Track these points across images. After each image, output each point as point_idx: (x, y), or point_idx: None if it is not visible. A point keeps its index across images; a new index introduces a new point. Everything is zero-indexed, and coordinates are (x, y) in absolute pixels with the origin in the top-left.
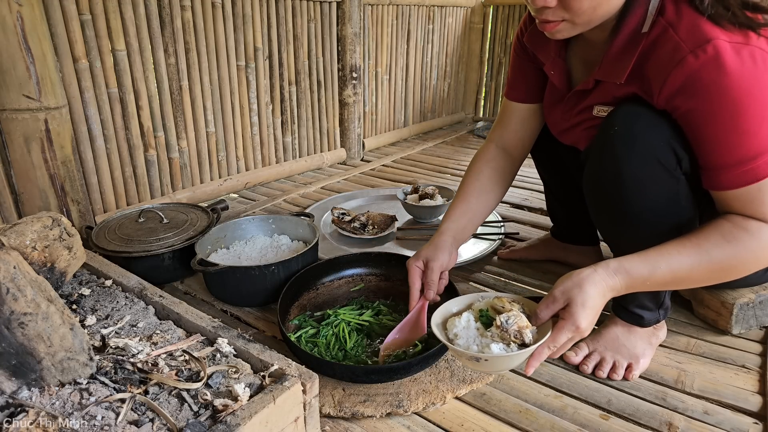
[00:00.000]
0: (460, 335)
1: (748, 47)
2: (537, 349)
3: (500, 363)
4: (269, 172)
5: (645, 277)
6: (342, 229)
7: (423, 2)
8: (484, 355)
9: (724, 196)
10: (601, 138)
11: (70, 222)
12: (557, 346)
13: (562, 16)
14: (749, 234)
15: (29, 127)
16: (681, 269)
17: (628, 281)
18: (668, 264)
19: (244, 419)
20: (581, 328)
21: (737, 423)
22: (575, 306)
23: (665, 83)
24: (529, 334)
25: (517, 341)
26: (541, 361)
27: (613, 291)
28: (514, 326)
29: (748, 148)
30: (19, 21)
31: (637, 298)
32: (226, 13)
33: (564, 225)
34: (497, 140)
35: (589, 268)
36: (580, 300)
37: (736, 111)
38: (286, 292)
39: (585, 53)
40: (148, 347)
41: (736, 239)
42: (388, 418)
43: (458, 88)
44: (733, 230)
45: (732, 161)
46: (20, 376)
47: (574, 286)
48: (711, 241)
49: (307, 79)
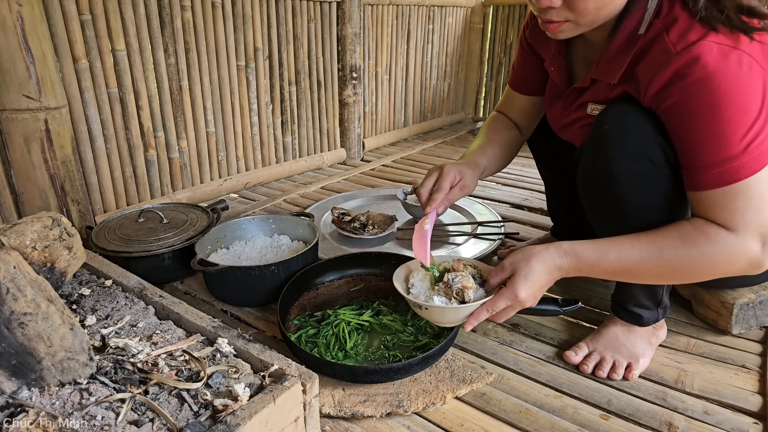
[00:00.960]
0: (415, 286)
1: (736, 51)
2: (477, 310)
3: (439, 313)
4: (269, 172)
5: (593, 262)
6: (342, 229)
7: (423, 2)
8: (426, 304)
9: (693, 197)
10: (592, 136)
11: (70, 222)
12: (495, 310)
13: (567, 17)
14: (706, 238)
15: (29, 127)
16: (630, 261)
17: (576, 263)
18: (618, 254)
19: (244, 419)
20: (519, 297)
21: (737, 423)
22: (518, 276)
23: (651, 81)
24: (471, 294)
25: (458, 298)
26: (479, 321)
27: (560, 271)
28: (458, 284)
29: (719, 151)
30: (19, 21)
31: (635, 297)
32: (226, 13)
33: (564, 225)
34: (505, 113)
35: (541, 246)
36: (524, 272)
37: (713, 112)
38: (286, 292)
39: (585, 52)
40: (148, 347)
41: (692, 241)
42: (388, 418)
43: (458, 88)
44: (691, 232)
45: (703, 163)
46: (20, 376)
47: (522, 259)
48: (666, 239)
49: (307, 79)
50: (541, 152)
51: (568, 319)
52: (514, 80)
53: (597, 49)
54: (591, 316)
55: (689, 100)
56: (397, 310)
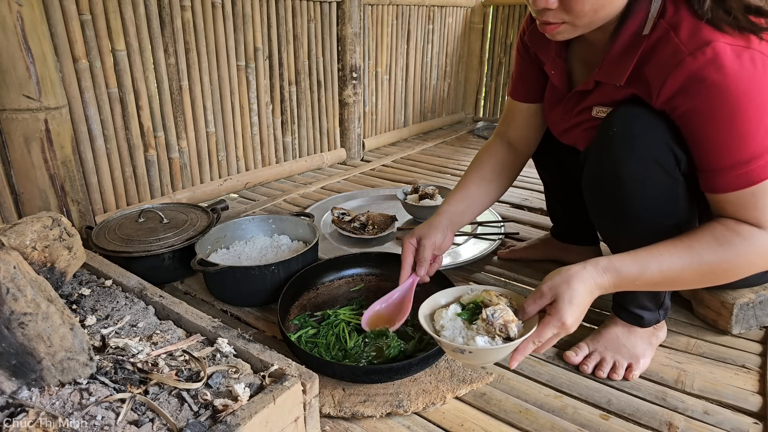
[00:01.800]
0: (447, 327)
1: (748, 50)
2: (522, 344)
3: (484, 356)
4: (269, 172)
5: (635, 276)
6: (342, 229)
7: (423, 2)
8: (469, 347)
9: (718, 199)
10: (599, 139)
11: (70, 222)
12: (542, 341)
13: (563, 18)
14: (741, 238)
15: (29, 127)
16: (671, 270)
17: (617, 280)
18: (659, 264)
19: (244, 419)
20: (567, 324)
21: (737, 423)
22: (562, 302)
23: (664, 84)
24: (515, 328)
25: (502, 335)
26: (525, 356)
27: (601, 289)
28: (499, 320)
29: (743, 152)
30: (19, 21)
31: (637, 299)
32: (226, 13)
33: (564, 225)
34: (503, 135)
35: (578, 265)
36: (567, 296)
37: (733, 113)
38: (286, 292)
39: (586, 54)
40: (148, 347)
41: (728, 243)
42: (388, 418)
43: (458, 88)
44: (725, 234)
45: (726, 164)
46: (20, 376)
47: (562, 282)
48: (703, 243)
49: (307, 79)
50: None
51: None
52: (514, 89)
53: (598, 51)
54: (591, 316)
55: (707, 103)
56: None
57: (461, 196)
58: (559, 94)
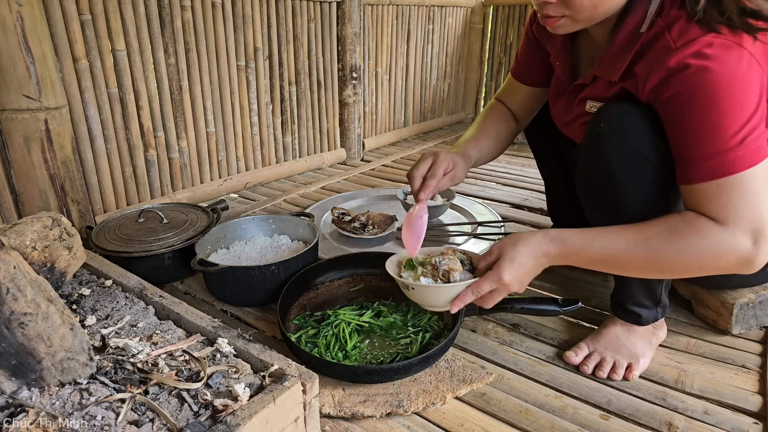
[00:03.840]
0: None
1: (736, 47)
2: (462, 292)
3: (425, 293)
4: (269, 172)
5: (578, 249)
6: (342, 229)
7: (423, 2)
8: (413, 283)
9: (685, 191)
10: (589, 135)
11: (70, 222)
12: (480, 293)
13: (563, 12)
14: (694, 230)
15: (29, 127)
16: (614, 250)
17: (562, 250)
18: (604, 242)
19: (244, 419)
20: (503, 279)
21: (737, 423)
22: (503, 260)
23: (650, 75)
24: (457, 276)
25: (444, 279)
26: (464, 303)
27: (546, 257)
28: (445, 266)
29: (714, 144)
30: (19, 21)
31: (634, 296)
32: (226, 13)
33: (564, 225)
34: (505, 102)
35: (530, 232)
36: (510, 255)
37: (710, 104)
38: (286, 292)
39: (589, 49)
40: (148, 347)
41: (679, 233)
42: (388, 418)
43: (458, 88)
44: (679, 224)
45: (697, 154)
46: (20, 376)
47: (509, 243)
48: (654, 230)
49: (307, 79)
50: (542, 151)
51: (568, 319)
52: (516, 70)
53: (600, 47)
54: (591, 316)
55: (687, 91)
56: (397, 311)
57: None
58: (562, 86)
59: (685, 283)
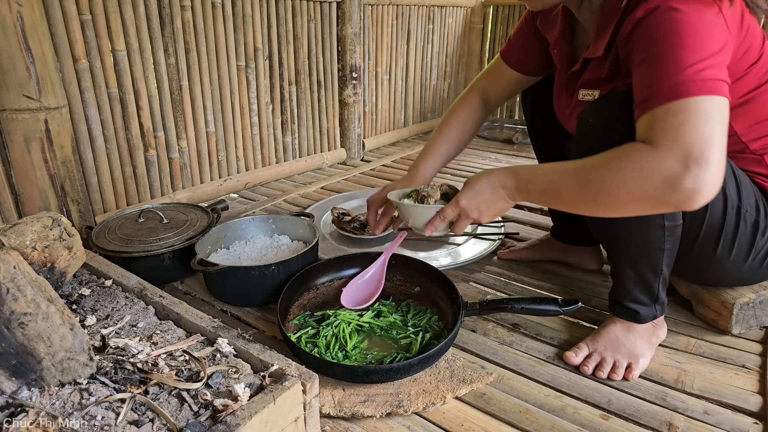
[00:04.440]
0: None
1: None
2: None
3: (402, 210)
4: (269, 172)
5: (527, 179)
6: (342, 229)
7: (423, 2)
8: (397, 202)
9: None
10: (579, 131)
11: (70, 222)
12: (446, 218)
13: None
14: (626, 155)
15: (29, 127)
16: (553, 176)
17: (515, 182)
18: (545, 171)
19: (244, 419)
20: (460, 204)
21: (737, 423)
22: (463, 188)
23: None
24: (431, 201)
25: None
26: (436, 228)
27: (504, 188)
28: (424, 193)
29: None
30: (19, 21)
31: (630, 292)
32: (226, 13)
33: (564, 225)
34: (482, 92)
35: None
36: (469, 184)
37: (673, 40)
38: (286, 292)
39: (583, 39)
40: (148, 347)
41: (611, 159)
42: (388, 418)
43: (458, 88)
44: (616, 152)
45: (657, 87)
46: (20, 376)
47: (474, 176)
48: (591, 160)
49: (307, 79)
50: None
51: (568, 319)
52: (507, 52)
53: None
54: (591, 316)
55: (652, 29)
56: (397, 311)
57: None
58: (562, 78)
59: (685, 282)
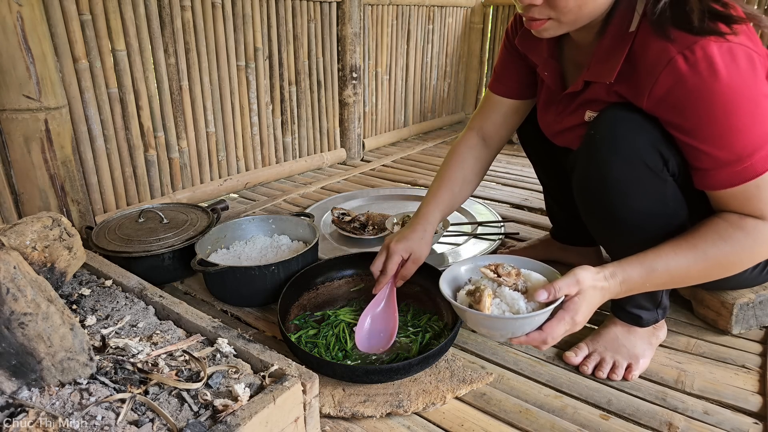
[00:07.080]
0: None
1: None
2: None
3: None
4: (269, 172)
5: (643, 279)
6: (342, 229)
7: (423, 2)
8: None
9: (720, 195)
10: (586, 143)
11: (70, 222)
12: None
13: (549, 14)
14: (745, 233)
15: (29, 127)
16: (678, 269)
17: (625, 287)
18: (665, 265)
19: (244, 419)
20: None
21: (737, 423)
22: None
23: (655, 85)
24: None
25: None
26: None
27: (611, 294)
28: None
29: (743, 146)
30: (19, 21)
31: (635, 299)
32: (226, 13)
33: (563, 226)
34: (478, 129)
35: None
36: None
37: (729, 110)
38: (286, 292)
39: (575, 55)
40: (148, 347)
41: (731, 238)
42: (388, 418)
43: (458, 88)
44: (728, 229)
45: (727, 160)
46: (20, 376)
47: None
48: (708, 241)
49: (307, 79)
50: (538, 156)
51: None
52: (495, 82)
53: (586, 52)
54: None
55: (702, 100)
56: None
57: (449, 198)
58: (552, 95)
59: None
